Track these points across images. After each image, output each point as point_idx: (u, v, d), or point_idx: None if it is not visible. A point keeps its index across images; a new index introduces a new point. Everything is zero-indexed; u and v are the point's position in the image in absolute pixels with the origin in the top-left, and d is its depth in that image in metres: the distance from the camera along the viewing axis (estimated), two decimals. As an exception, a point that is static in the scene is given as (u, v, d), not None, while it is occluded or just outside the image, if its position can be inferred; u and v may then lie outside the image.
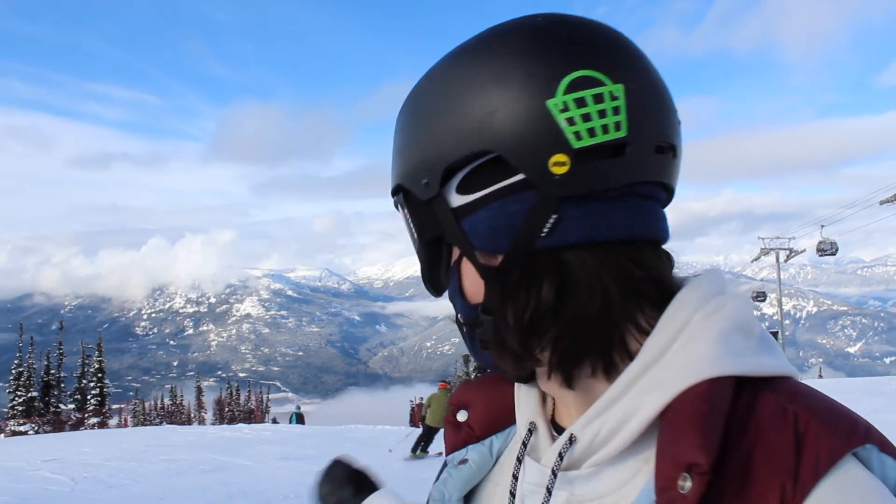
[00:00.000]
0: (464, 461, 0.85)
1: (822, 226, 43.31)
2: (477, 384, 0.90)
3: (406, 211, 0.79)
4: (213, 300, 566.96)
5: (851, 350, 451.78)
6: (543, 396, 0.83)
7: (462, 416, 0.88)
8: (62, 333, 57.66)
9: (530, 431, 0.80)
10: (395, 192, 0.81)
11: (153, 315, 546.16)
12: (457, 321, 0.80)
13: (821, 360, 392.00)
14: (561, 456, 0.72)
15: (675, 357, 0.69)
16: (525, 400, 0.83)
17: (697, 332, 0.69)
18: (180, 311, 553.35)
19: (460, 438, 0.87)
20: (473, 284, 0.75)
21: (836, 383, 39.13)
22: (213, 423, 59.16)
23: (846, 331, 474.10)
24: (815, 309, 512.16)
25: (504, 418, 0.86)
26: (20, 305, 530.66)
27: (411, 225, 0.79)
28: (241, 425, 32.00)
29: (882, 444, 0.66)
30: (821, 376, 77.83)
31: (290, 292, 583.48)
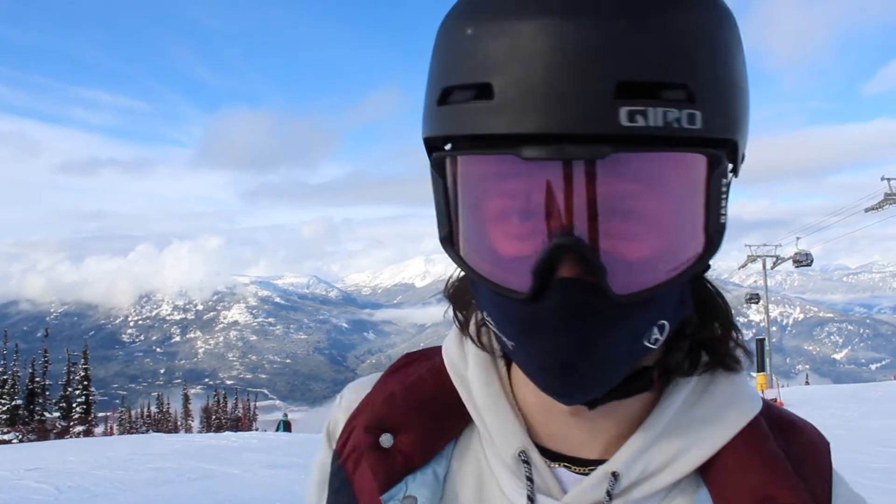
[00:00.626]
0: (410, 498, 0.73)
1: (798, 237, 44.37)
2: (402, 399, 0.78)
3: (724, 183, 0.60)
4: (200, 307, 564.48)
5: (837, 356, 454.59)
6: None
7: (387, 441, 0.75)
8: (47, 341, 57.37)
9: (525, 462, 0.71)
10: (723, 146, 0.60)
11: (140, 322, 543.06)
12: (632, 323, 0.62)
13: (807, 366, 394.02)
14: (609, 494, 0.68)
15: (718, 393, 0.72)
16: (498, 424, 0.73)
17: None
18: (167, 318, 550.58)
19: (393, 469, 0.74)
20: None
21: (822, 389, 39.42)
22: (200, 431, 58.87)
23: (832, 337, 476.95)
24: (801, 316, 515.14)
25: (442, 437, 0.77)
26: (5, 312, 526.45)
27: (721, 202, 0.61)
28: (228, 433, 31.85)
29: None
30: (807, 383, 78.33)
31: (277, 299, 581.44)
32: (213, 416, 74.76)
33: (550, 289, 0.58)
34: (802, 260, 45.02)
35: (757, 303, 46.23)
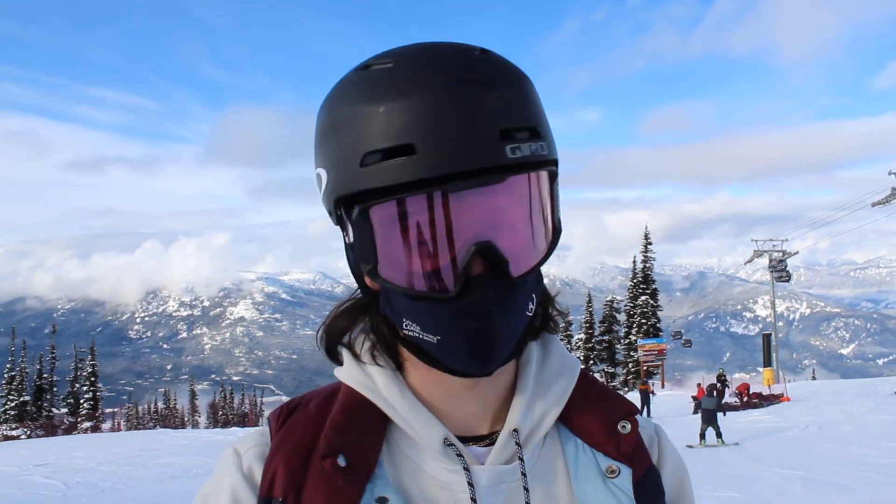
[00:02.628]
0: (382, 500, 0.86)
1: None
2: (343, 424, 0.90)
3: (555, 187, 0.86)
4: (206, 303, 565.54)
5: (844, 352, 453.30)
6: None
7: (343, 461, 0.87)
8: (55, 337, 57.65)
9: (451, 445, 0.88)
10: (554, 164, 0.85)
11: (147, 319, 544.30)
12: (522, 298, 0.84)
13: (814, 361, 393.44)
14: (519, 445, 0.88)
15: (554, 353, 0.98)
16: (420, 420, 0.89)
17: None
18: (174, 314, 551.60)
19: (357, 481, 0.87)
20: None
21: (829, 385, 39.31)
22: (207, 427, 59.06)
23: (839, 332, 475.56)
24: (808, 311, 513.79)
25: (375, 447, 0.90)
26: (13, 309, 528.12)
27: (556, 201, 0.86)
28: (234, 429, 31.94)
29: None
30: (814, 378, 78.19)
31: (283, 295, 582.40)
32: (220, 412, 75.04)
33: (472, 284, 0.78)
34: (781, 275, 45.34)
35: (788, 281, 46.34)
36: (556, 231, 0.85)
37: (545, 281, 0.92)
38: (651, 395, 29.11)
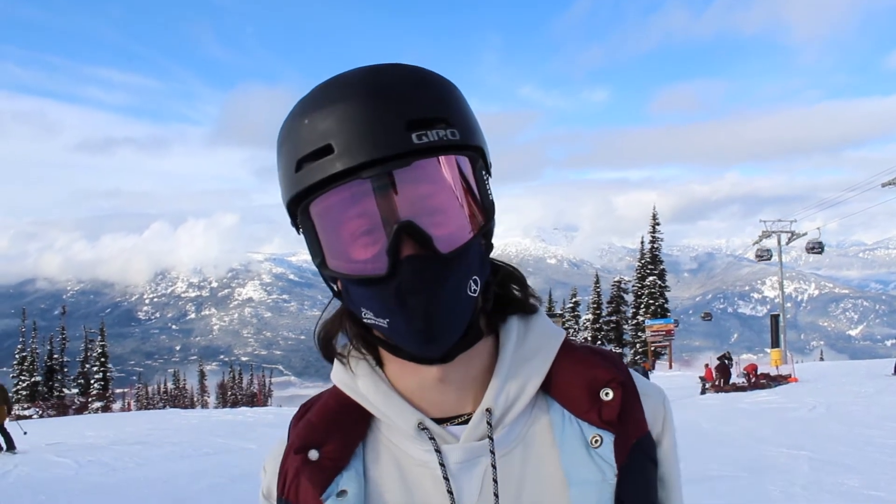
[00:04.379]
0: (342, 492, 0.95)
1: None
2: (317, 422, 1.01)
3: (484, 174, 0.92)
4: (215, 284, 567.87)
5: (853, 333, 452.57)
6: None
7: (314, 455, 0.97)
8: (65, 318, 57.97)
9: (425, 429, 0.95)
10: (477, 150, 0.92)
11: (155, 299, 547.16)
12: (457, 277, 0.88)
13: (822, 342, 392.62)
14: (490, 424, 0.95)
15: (535, 329, 1.02)
16: (393, 409, 0.97)
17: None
18: (182, 295, 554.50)
19: (324, 474, 0.96)
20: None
21: (837, 366, 39.25)
22: (216, 407, 59.47)
23: (847, 314, 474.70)
24: (816, 292, 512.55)
25: (354, 441, 1.00)
26: (23, 291, 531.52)
27: (483, 185, 0.91)
28: (243, 409, 32.15)
29: None
30: (822, 359, 78.01)
31: (291, 276, 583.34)
32: (229, 392, 75.45)
33: (401, 263, 0.84)
34: (815, 247, 45.08)
35: (820, 252, 46.70)
36: (488, 212, 0.90)
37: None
38: (649, 371, 29.22)
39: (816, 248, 45.21)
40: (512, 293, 1.03)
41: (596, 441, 0.94)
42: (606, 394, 0.96)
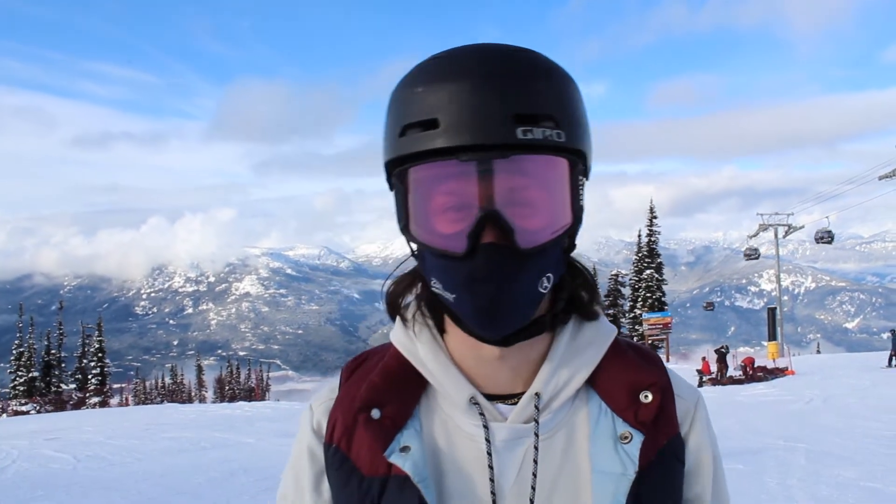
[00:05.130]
0: (405, 448, 1.00)
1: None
2: (380, 382, 1.05)
3: (580, 178, 0.95)
4: (212, 279, 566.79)
5: (849, 325, 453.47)
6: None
7: (376, 414, 1.02)
8: (62, 314, 57.73)
9: (476, 404, 1.01)
10: (578, 155, 0.94)
11: (153, 294, 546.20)
12: (531, 271, 0.92)
13: (819, 335, 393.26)
14: (537, 408, 1.00)
15: (590, 325, 1.07)
16: (449, 380, 1.02)
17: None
18: (180, 290, 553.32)
19: (386, 432, 1.02)
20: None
21: (834, 358, 39.36)
22: (214, 402, 59.40)
23: (844, 306, 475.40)
24: (813, 285, 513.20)
25: (411, 403, 1.05)
26: (20, 286, 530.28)
27: (577, 190, 0.94)
28: (241, 403, 32.15)
29: None
30: (819, 352, 78.34)
31: (289, 271, 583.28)
32: (227, 387, 75.32)
33: (479, 248, 0.88)
34: (824, 237, 44.69)
35: (830, 242, 46.02)
36: (575, 216, 0.94)
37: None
38: None
39: (826, 237, 44.79)
40: (581, 297, 1.07)
41: (625, 438, 1.00)
42: (646, 396, 1.02)
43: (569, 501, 0.99)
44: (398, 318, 1.10)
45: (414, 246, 1.00)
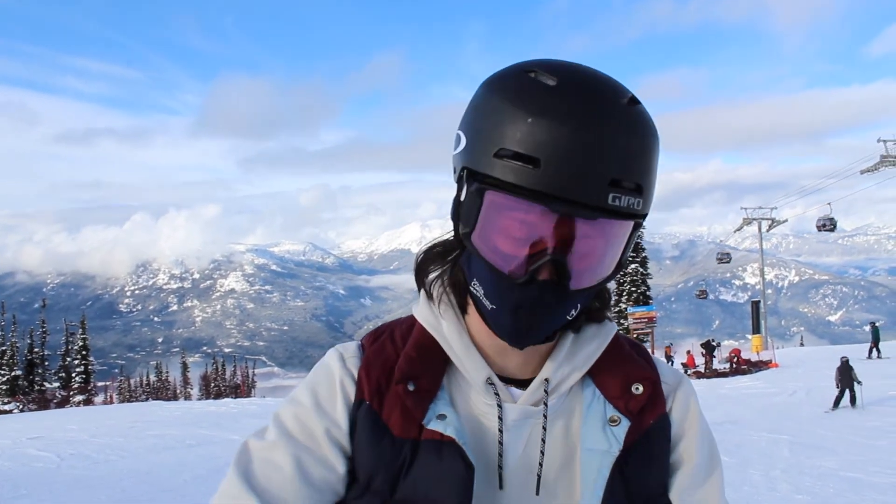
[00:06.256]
0: (441, 415, 1.08)
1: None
2: (415, 356, 1.13)
3: (635, 234, 1.01)
4: (196, 276, 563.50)
5: (832, 318, 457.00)
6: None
7: (412, 386, 1.10)
8: (45, 312, 57.27)
9: (492, 384, 1.10)
10: (643, 217, 1.00)
11: (137, 292, 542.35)
12: (569, 305, 1.01)
13: (802, 328, 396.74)
14: (546, 392, 1.10)
15: (594, 322, 1.16)
16: (470, 361, 1.11)
17: None
18: (164, 287, 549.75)
19: (422, 402, 1.09)
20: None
21: (817, 351, 39.64)
22: (200, 399, 59.26)
23: (827, 299, 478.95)
24: (796, 278, 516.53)
25: (439, 376, 1.14)
26: (2, 284, 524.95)
27: (630, 245, 1.01)
28: (227, 400, 32.05)
29: None
30: (802, 344, 78.92)
31: (274, 267, 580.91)
32: (212, 384, 74.99)
33: (536, 282, 0.95)
34: (826, 224, 44.34)
35: (832, 229, 45.34)
36: (620, 266, 1.01)
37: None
38: None
39: (828, 224, 44.25)
40: (594, 305, 1.16)
41: (614, 421, 1.10)
42: (637, 388, 1.13)
43: (566, 477, 1.10)
44: (423, 293, 1.18)
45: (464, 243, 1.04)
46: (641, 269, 56.90)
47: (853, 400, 16.54)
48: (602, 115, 0.91)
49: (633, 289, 56.20)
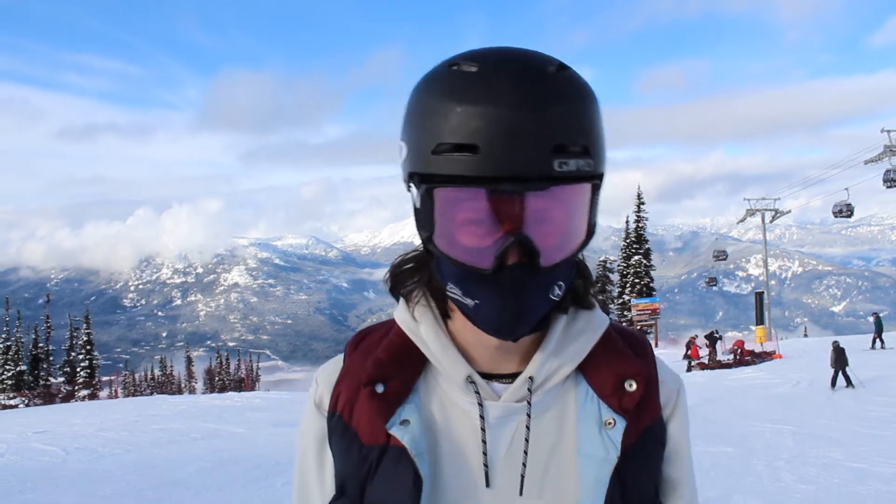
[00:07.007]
0: (405, 421, 1.07)
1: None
2: (385, 358, 1.12)
3: (596, 196, 0.98)
4: (200, 270, 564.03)
5: (836, 309, 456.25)
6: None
7: (380, 388, 1.09)
8: (49, 307, 57.35)
9: (472, 382, 1.09)
10: (599, 178, 0.98)
11: (141, 286, 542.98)
12: (547, 283, 0.99)
13: (806, 319, 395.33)
14: (530, 390, 1.07)
15: (584, 315, 1.13)
16: (448, 360, 1.09)
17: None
18: (168, 281, 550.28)
19: (389, 405, 1.09)
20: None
21: (821, 342, 39.57)
22: (204, 393, 59.36)
23: (831, 290, 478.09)
24: (800, 269, 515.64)
25: (412, 379, 1.12)
26: (6, 280, 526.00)
27: (595, 208, 0.99)
28: (231, 393, 32.11)
29: None
30: (806, 335, 78.74)
31: (277, 261, 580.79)
32: (217, 378, 75.12)
33: (506, 267, 0.93)
34: (843, 210, 43.61)
35: (849, 215, 44.27)
36: (591, 232, 0.99)
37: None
38: None
39: (845, 210, 43.35)
40: (578, 288, 1.13)
41: (609, 423, 1.07)
42: (630, 385, 1.09)
43: (556, 478, 1.07)
44: (402, 300, 1.17)
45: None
46: (645, 261, 56.91)
47: (848, 381, 17.46)
48: (529, 87, 0.90)
49: (637, 280, 56.21)
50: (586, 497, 1.04)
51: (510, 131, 0.88)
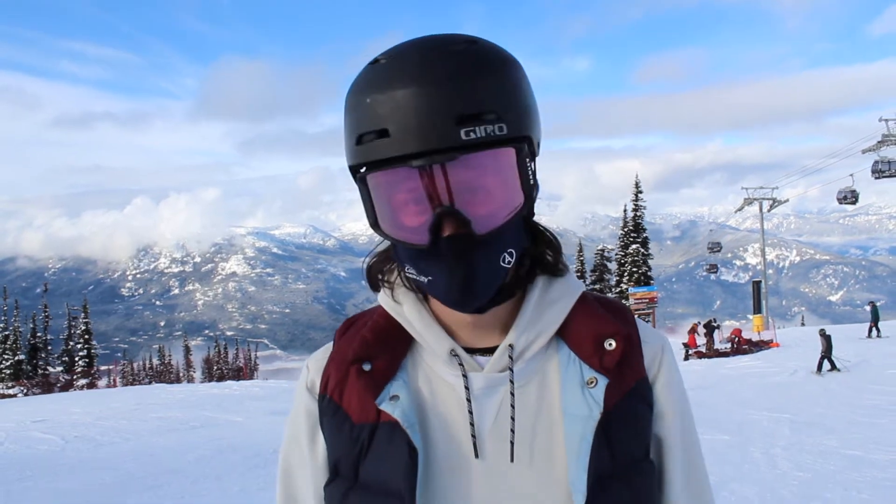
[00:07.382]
0: (394, 396, 1.11)
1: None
2: (371, 338, 1.16)
3: (528, 160, 1.00)
4: (198, 259, 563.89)
5: (833, 298, 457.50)
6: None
7: (367, 367, 1.14)
8: (47, 296, 57.34)
9: (456, 356, 1.12)
10: (524, 139, 1.00)
11: (138, 276, 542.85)
12: (492, 252, 1.01)
13: (803, 308, 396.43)
14: (511, 358, 1.10)
15: (558, 283, 1.16)
16: (432, 335, 1.13)
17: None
18: (166, 271, 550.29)
19: (377, 382, 1.13)
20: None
21: (817, 331, 39.65)
22: (203, 382, 59.45)
23: (828, 279, 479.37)
24: (797, 258, 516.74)
25: (399, 357, 1.16)
26: (3, 269, 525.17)
27: (525, 171, 1.00)
28: (230, 382, 32.12)
29: None
30: (803, 324, 78.90)
31: (275, 250, 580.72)
32: (215, 367, 75.33)
33: (441, 240, 0.97)
34: (848, 196, 43.27)
35: (854, 202, 43.74)
36: (527, 197, 1.00)
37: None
38: None
39: (850, 196, 43.00)
40: (546, 258, 1.16)
41: (591, 382, 1.08)
42: (609, 344, 1.11)
43: (545, 442, 1.09)
44: (383, 289, 1.22)
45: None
46: (642, 250, 56.90)
47: (832, 364, 18.62)
48: (430, 65, 0.95)
49: (635, 269, 56.21)
50: (573, 455, 1.05)
51: (414, 109, 0.93)
